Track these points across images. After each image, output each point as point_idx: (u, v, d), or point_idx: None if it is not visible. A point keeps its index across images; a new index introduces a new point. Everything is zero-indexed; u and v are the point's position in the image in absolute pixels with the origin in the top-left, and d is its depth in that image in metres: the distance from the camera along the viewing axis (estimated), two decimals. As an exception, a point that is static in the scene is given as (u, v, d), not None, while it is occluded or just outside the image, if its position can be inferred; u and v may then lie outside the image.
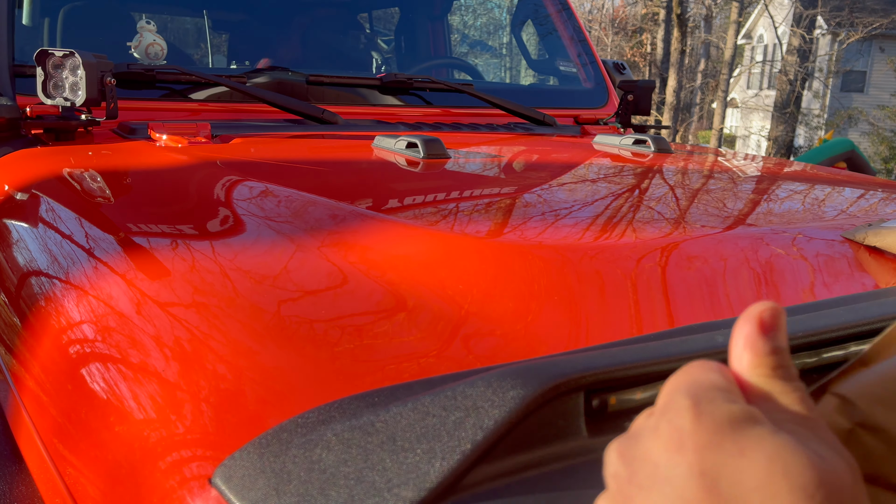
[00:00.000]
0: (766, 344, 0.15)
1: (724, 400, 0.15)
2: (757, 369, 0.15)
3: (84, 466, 0.30)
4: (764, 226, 0.49)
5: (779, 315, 0.16)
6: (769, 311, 0.16)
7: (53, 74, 0.70)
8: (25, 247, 0.50)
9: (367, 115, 0.91)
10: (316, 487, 0.22)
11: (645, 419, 0.16)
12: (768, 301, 0.16)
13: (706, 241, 0.45)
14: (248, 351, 0.29)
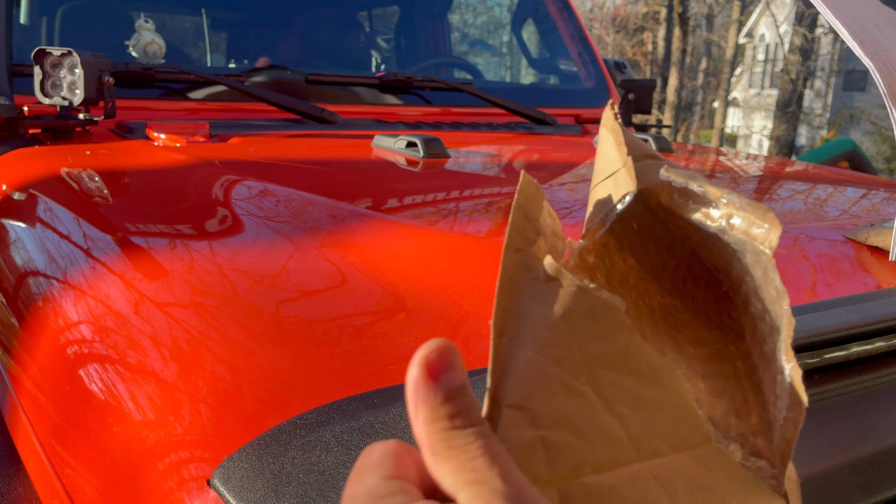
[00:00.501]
0: (438, 392, 0.14)
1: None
2: (434, 424, 0.14)
3: (82, 467, 0.30)
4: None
5: (447, 353, 0.14)
6: (435, 351, 0.14)
7: (51, 73, 0.70)
8: (23, 247, 0.49)
9: (367, 114, 0.91)
10: (315, 489, 0.22)
11: None
12: (435, 339, 0.14)
13: (707, 240, 0.44)
14: (247, 351, 0.29)
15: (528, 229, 0.17)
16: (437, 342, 0.14)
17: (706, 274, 0.20)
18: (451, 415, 0.14)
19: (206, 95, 0.83)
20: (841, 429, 0.29)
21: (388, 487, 0.14)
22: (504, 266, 0.16)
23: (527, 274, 0.16)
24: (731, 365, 0.19)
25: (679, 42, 8.45)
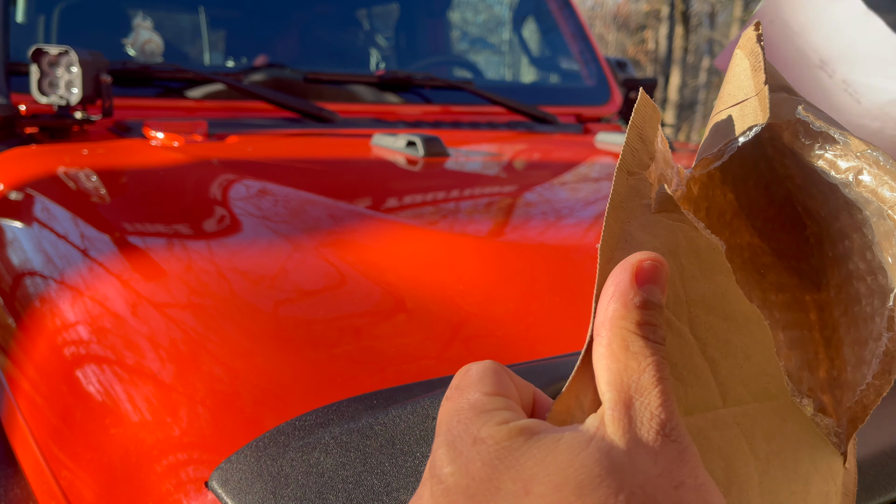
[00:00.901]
0: (638, 296, 0.14)
1: (487, 424, 0.13)
2: (621, 321, 0.14)
3: (79, 469, 0.29)
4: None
5: (660, 269, 0.14)
6: (650, 261, 0.14)
7: (48, 72, 0.69)
8: (19, 247, 0.49)
9: (366, 112, 0.91)
10: (314, 491, 0.22)
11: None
12: (652, 252, 0.14)
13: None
14: (245, 352, 0.29)
15: (642, 151, 0.16)
16: (653, 255, 0.14)
17: (794, 218, 0.19)
18: (641, 322, 0.14)
19: (204, 94, 0.82)
20: (843, 430, 0.29)
21: (492, 403, 0.14)
22: (615, 188, 0.16)
23: (637, 199, 0.16)
24: (806, 315, 0.18)
25: (681, 40, 8.43)
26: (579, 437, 0.13)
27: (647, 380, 0.13)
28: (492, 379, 0.15)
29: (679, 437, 0.13)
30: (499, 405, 0.14)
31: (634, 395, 0.13)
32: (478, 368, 0.15)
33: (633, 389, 0.13)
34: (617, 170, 0.16)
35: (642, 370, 0.13)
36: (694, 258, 0.15)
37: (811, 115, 0.17)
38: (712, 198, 0.19)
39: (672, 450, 0.13)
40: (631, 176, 0.16)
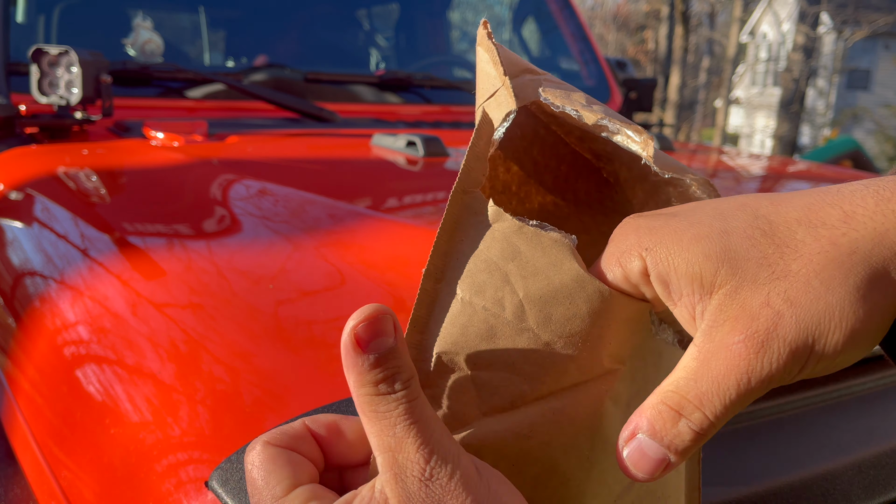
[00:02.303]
0: (366, 360, 0.14)
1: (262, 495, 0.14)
2: (361, 389, 0.14)
3: (79, 469, 0.29)
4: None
5: (377, 321, 0.14)
6: (364, 320, 0.14)
7: (48, 72, 0.69)
8: (19, 247, 0.49)
9: (366, 112, 0.91)
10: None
11: None
12: (368, 306, 0.15)
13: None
14: (245, 352, 0.29)
15: (478, 171, 0.17)
16: (368, 309, 0.15)
17: (587, 164, 0.21)
18: (377, 381, 0.14)
19: (204, 94, 0.82)
20: (843, 430, 0.29)
21: (291, 500, 0.14)
22: (449, 209, 0.16)
23: (471, 218, 0.16)
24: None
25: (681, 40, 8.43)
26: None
27: (401, 430, 0.14)
28: (274, 472, 0.15)
29: (443, 471, 0.14)
30: (297, 499, 0.14)
31: (396, 451, 0.14)
32: (257, 466, 0.15)
33: (393, 447, 0.14)
34: (453, 191, 0.16)
35: (394, 424, 0.14)
36: (540, 254, 0.16)
37: (549, 95, 0.18)
38: (495, 177, 0.20)
39: (438, 487, 0.14)
40: (466, 194, 0.16)
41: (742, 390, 0.14)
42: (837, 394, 0.31)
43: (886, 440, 0.29)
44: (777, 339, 0.14)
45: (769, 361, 0.14)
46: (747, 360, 0.14)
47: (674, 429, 0.14)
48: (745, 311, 0.14)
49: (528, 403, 0.15)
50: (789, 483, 0.26)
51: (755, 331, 0.14)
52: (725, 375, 0.14)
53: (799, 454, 0.27)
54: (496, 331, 0.15)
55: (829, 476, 0.27)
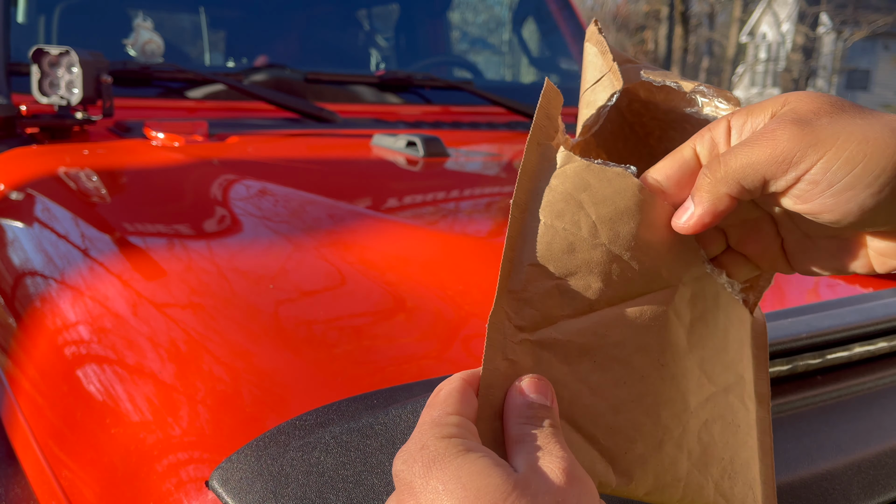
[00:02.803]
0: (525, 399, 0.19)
1: (434, 436, 0.17)
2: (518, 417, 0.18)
3: (80, 469, 0.29)
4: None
5: (539, 384, 0.18)
6: (529, 381, 0.19)
7: (49, 73, 0.69)
8: (20, 247, 0.49)
9: (366, 113, 0.91)
10: (314, 490, 0.22)
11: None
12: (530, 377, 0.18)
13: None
14: (246, 352, 0.29)
15: (549, 127, 0.20)
16: (530, 380, 0.19)
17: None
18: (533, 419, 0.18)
19: (204, 94, 0.82)
20: (843, 429, 0.29)
21: (446, 419, 0.18)
22: (526, 157, 0.20)
23: (545, 163, 0.20)
24: None
25: (680, 41, 8.44)
26: (491, 460, 0.17)
27: (543, 439, 0.18)
28: (455, 399, 0.18)
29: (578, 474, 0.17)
30: (451, 422, 0.18)
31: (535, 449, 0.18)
32: (446, 389, 0.19)
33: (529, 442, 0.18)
34: (528, 142, 0.20)
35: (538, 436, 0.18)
36: (606, 185, 0.20)
37: (651, 75, 0.22)
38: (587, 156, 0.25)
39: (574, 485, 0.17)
40: (540, 146, 0.20)
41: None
42: (837, 394, 0.31)
43: (885, 440, 0.29)
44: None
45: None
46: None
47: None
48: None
49: (603, 308, 0.19)
50: (788, 482, 0.26)
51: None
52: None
53: (798, 454, 0.27)
54: (575, 246, 0.19)
55: (829, 475, 0.27)
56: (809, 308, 0.33)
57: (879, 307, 0.34)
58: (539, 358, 0.19)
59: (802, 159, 0.18)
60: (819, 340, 0.31)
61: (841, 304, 0.34)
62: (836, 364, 0.32)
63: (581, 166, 0.20)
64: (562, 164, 0.20)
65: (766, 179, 0.18)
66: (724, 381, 0.21)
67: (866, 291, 0.38)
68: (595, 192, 0.19)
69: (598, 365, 0.19)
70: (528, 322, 0.19)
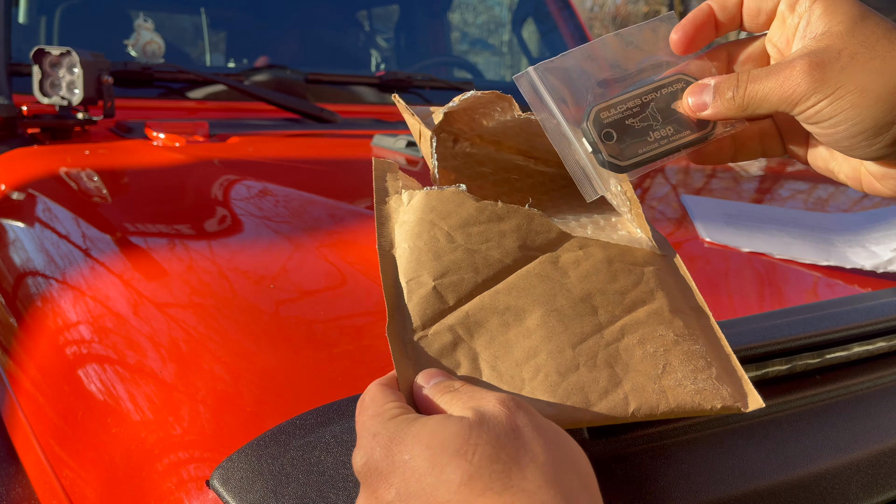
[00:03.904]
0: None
1: (379, 422, 0.19)
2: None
3: (81, 468, 0.29)
4: (766, 225, 0.49)
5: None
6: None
7: (50, 73, 0.70)
8: (21, 247, 0.49)
9: (367, 113, 0.91)
10: (314, 490, 0.22)
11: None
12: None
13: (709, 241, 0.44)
14: (246, 352, 0.29)
15: (386, 190, 0.25)
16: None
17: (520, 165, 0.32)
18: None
19: (205, 95, 0.82)
20: (842, 429, 0.29)
21: (385, 408, 0.19)
22: (377, 214, 0.24)
23: (394, 208, 0.24)
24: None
25: (679, 41, 8.38)
26: (441, 416, 0.18)
27: (465, 392, 0.20)
28: (381, 395, 0.20)
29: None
30: (389, 408, 0.19)
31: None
32: (371, 392, 0.20)
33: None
34: (375, 207, 0.24)
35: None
36: (447, 202, 0.24)
37: (437, 116, 0.29)
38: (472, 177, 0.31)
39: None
40: (384, 204, 0.25)
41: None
42: (836, 393, 0.31)
43: (884, 440, 0.29)
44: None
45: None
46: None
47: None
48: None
49: (483, 291, 0.23)
50: (788, 482, 0.26)
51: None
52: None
53: (797, 453, 0.27)
54: (439, 254, 0.23)
55: (828, 475, 0.27)
56: (808, 308, 0.33)
57: (878, 307, 0.34)
58: (442, 346, 0.22)
59: (806, 100, 0.21)
60: (818, 340, 0.31)
61: (840, 304, 0.34)
62: (835, 364, 0.32)
63: (421, 195, 0.24)
64: (407, 201, 0.24)
65: (776, 109, 0.21)
66: (629, 302, 0.24)
67: (865, 291, 0.38)
68: (440, 210, 0.23)
69: (499, 330, 0.22)
70: (420, 322, 0.22)
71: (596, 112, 0.23)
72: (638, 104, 0.24)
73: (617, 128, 0.24)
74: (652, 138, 0.24)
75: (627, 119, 0.24)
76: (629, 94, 0.24)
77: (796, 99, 0.21)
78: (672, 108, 0.24)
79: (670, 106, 0.24)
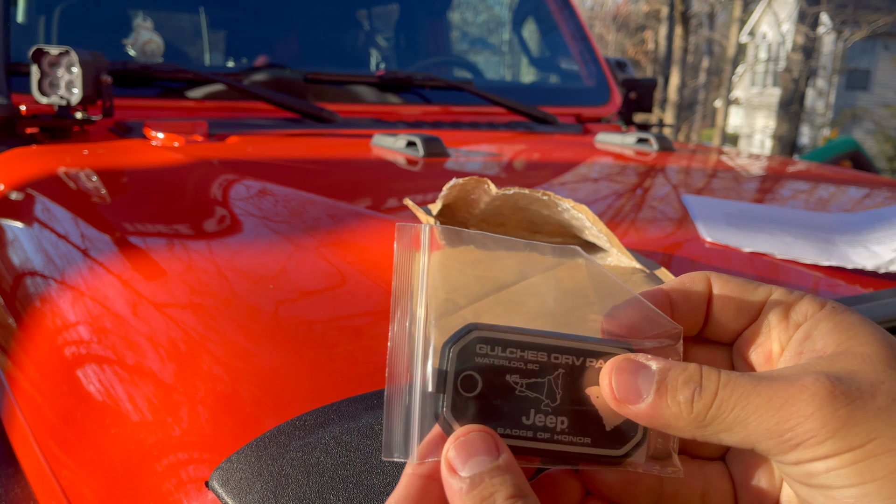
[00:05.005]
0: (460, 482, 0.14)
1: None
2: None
3: (80, 469, 0.29)
4: (767, 224, 0.49)
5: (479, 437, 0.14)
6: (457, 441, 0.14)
7: (49, 72, 0.69)
8: (20, 247, 0.49)
9: (366, 113, 0.91)
10: (314, 491, 0.22)
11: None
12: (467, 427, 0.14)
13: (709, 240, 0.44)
14: (245, 352, 0.29)
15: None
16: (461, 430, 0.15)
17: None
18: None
19: (204, 94, 0.82)
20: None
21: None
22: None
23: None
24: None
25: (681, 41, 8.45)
26: None
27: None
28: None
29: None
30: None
31: None
32: None
33: None
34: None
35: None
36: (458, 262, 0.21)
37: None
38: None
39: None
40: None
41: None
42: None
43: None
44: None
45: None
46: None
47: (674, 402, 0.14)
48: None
49: (489, 297, 0.20)
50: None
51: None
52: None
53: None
54: (450, 278, 0.19)
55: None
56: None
57: (879, 307, 0.34)
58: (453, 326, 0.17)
59: (815, 445, 0.13)
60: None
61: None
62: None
63: (433, 257, 0.20)
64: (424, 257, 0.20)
65: (752, 445, 0.13)
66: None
67: (867, 292, 0.38)
68: (452, 256, 0.20)
69: (503, 317, 0.18)
70: (435, 316, 0.18)
71: (474, 339, 0.16)
72: (539, 360, 0.16)
73: (489, 379, 0.16)
74: (529, 422, 0.15)
75: (510, 374, 0.16)
76: (537, 338, 0.16)
77: (798, 439, 0.13)
78: (583, 393, 0.15)
79: (581, 387, 0.16)
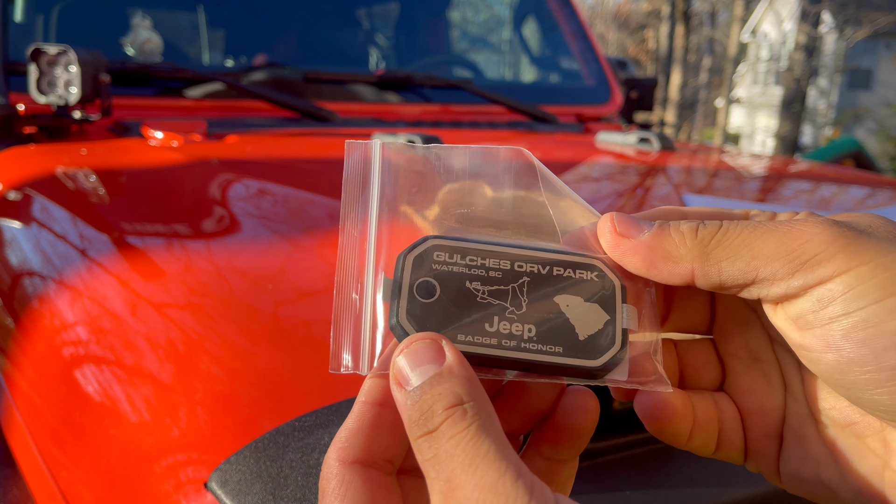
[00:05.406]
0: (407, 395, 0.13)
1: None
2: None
3: (79, 470, 0.29)
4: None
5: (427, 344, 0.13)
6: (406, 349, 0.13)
7: (47, 72, 0.69)
8: (18, 247, 0.49)
9: (366, 112, 0.90)
10: (313, 492, 0.22)
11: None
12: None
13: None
14: (244, 353, 0.29)
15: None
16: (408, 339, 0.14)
17: None
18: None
19: (203, 93, 0.82)
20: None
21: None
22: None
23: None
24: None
25: (682, 40, 8.44)
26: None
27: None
28: (345, 485, 0.14)
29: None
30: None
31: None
32: (334, 483, 0.14)
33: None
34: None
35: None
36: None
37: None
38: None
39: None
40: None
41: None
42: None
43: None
44: None
45: None
46: None
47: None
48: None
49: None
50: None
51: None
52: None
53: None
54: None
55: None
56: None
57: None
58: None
59: (820, 263, 0.12)
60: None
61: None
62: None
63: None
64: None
65: (757, 277, 0.13)
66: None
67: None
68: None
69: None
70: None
71: (430, 247, 0.15)
72: (501, 268, 0.15)
73: (447, 285, 0.15)
74: (493, 328, 0.15)
75: (471, 281, 0.15)
76: (498, 247, 0.15)
77: (806, 255, 0.12)
78: (551, 301, 0.15)
79: (552, 297, 0.15)
